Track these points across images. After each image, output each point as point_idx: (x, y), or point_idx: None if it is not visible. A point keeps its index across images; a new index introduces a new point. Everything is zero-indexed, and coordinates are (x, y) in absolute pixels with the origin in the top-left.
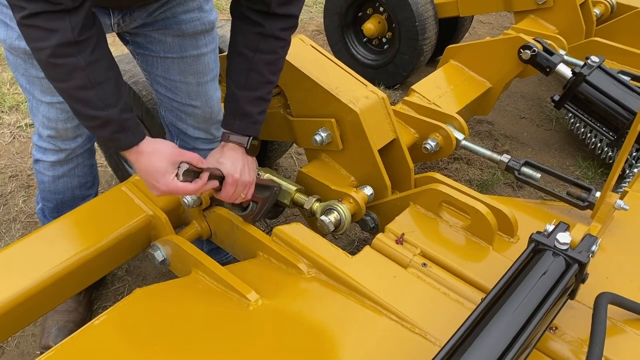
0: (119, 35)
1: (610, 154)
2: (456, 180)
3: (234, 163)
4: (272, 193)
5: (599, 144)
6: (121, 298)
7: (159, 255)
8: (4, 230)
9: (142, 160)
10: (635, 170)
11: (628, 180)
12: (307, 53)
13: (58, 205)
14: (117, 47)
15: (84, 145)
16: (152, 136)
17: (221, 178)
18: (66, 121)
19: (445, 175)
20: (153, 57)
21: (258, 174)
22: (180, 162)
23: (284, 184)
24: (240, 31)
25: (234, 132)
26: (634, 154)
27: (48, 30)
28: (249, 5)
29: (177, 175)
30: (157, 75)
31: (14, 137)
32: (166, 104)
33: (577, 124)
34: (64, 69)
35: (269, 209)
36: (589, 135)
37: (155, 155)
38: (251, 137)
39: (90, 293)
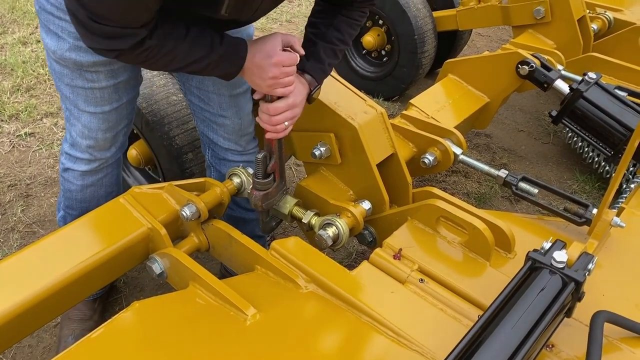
0: None
1: (607, 168)
2: (454, 194)
3: (298, 92)
4: (283, 187)
5: (596, 159)
6: (118, 309)
7: (157, 268)
8: (2, 240)
9: (257, 54)
10: (632, 185)
11: (625, 195)
12: None
13: (83, 214)
14: None
15: (116, 155)
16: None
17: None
18: (106, 131)
19: (443, 188)
20: None
21: None
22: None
23: (285, 197)
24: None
25: (306, 72)
26: (631, 169)
27: (134, 56)
28: None
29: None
30: (191, 86)
31: (13, 146)
32: (199, 114)
33: (575, 138)
34: (163, 51)
35: (274, 203)
36: (586, 149)
37: (265, 39)
38: (317, 87)
39: (104, 301)
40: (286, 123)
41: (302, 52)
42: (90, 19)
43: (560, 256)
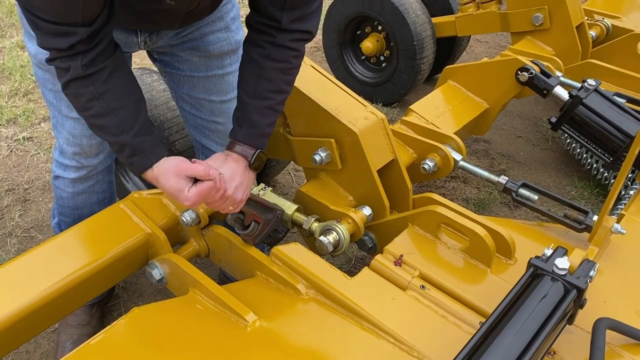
0: (148, 53)
1: (606, 175)
2: (453, 199)
3: (232, 176)
4: (275, 216)
5: (595, 165)
6: (117, 315)
7: (157, 273)
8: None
9: (160, 181)
10: (631, 192)
11: (624, 202)
12: (308, 73)
13: (76, 220)
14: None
15: (105, 162)
16: None
17: None
18: (91, 137)
19: (442, 194)
20: (180, 75)
21: (258, 192)
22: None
23: (285, 203)
24: (252, 40)
25: (239, 142)
26: (629, 175)
27: (64, 69)
28: (260, 20)
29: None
30: (182, 93)
31: (11, 151)
32: (191, 120)
33: (573, 145)
34: (82, 98)
35: (270, 233)
36: (585, 156)
37: (166, 176)
38: (257, 150)
39: (102, 306)
40: (231, 208)
41: (214, 174)
42: (28, 10)
43: (562, 263)
